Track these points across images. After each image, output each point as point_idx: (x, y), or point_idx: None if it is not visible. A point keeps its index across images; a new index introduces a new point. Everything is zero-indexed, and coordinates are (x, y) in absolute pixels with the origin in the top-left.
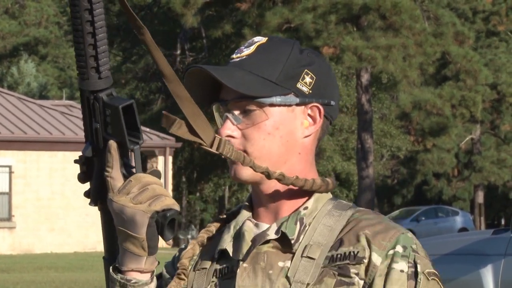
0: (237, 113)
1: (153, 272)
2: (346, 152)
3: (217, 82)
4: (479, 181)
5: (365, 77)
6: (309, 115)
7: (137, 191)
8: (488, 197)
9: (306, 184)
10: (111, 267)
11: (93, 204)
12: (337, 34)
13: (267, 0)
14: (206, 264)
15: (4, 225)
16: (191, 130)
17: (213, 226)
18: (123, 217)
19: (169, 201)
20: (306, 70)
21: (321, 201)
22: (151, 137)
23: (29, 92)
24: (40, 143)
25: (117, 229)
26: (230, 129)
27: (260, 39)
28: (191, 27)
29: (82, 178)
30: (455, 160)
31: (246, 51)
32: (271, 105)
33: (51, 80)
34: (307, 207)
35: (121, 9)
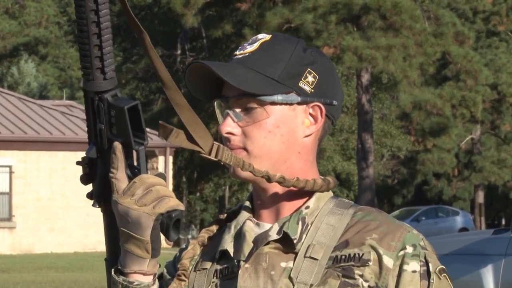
0: (238, 110)
1: (155, 274)
2: (346, 152)
3: (219, 78)
4: (479, 181)
5: (366, 77)
6: (310, 115)
7: (142, 192)
8: (488, 197)
9: (307, 185)
10: (113, 269)
11: (96, 205)
12: (337, 34)
13: (267, 0)
14: (206, 264)
15: (4, 225)
16: (189, 137)
17: (214, 226)
18: (128, 219)
19: (173, 202)
20: (308, 69)
21: (323, 199)
22: (152, 137)
23: (29, 92)
24: (40, 143)
25: (120, 230)
26: (230, 126)
27: (264, 37)
28: (192, 27)
29: (85, 179)
30: (455, 160)
31: (249, 48)
32: (273, 103)
33: (51, 80)
34: (308, 206)
35: (121, 9)
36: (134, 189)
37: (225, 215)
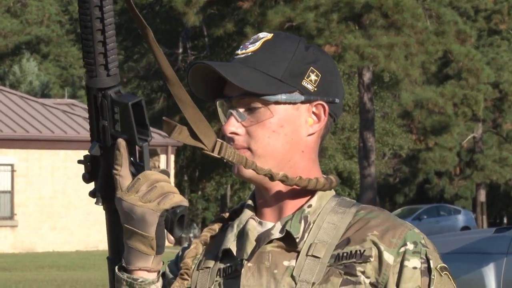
0: (241, 110)
1: (159, 271)
2: (348, 150)
3: (221, 78)
4: (481, 180)
5: (367, 76)
6: (313, 113)
7: (146, 189)
8: (490, 196)
9: (309, 184)
10: (117, 267)
11: (99, 203)
12: (339, 32)
13: None
14: (209, 263)
15: (6, 223)
16: (193, 134)
17: (216, 224)
18: (132, 216)
19: (177, 198)
20: (311, 67)
21: (325, 198)
22: (153, 136)
23: (31, 90)
24: (42, 142)
25: (124, 227)
26: (234, 126)
27: (265, 35)
28: (193, 26)
29: (87, 178)
30: (457, 158)
31: (251, 47)
32: (276, 102)
33: (53, 78)
34: (311, 205)
35: (123, 7)
36: (138, 186)
37: (228, 214)
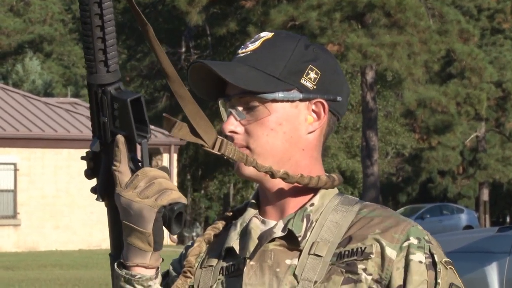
0: (240, 109)
1: (158, 268)
2: (351, 149)
3: (222, 77)
4: (484, 179)
5: (370, 75)
6: (313, 111)
7: (144, 185)
8: (493, 195)
9: (311, 181)
10: (116, 263)
11: (100, 199)
12: (341, 31)
13: None
14: (212, 261)
15: (9, 222)
16: (193, 131)
17: (220, 223)
18: (130, 211)
19: (175, 195)
20: (310, 65)
21: (327, 197)
22: (156, 135)
23: (34, 89)
24: (45, 141)
25: (123, 223)
26: (233, 124)
27: (266, 35)
28: (196, 25)
29: (89, 174)
30: (460, 157)
31: (251, 47)
32: (274, 100)
33: (56, 77)
34: (313, 204)
35: (126, 6)
36: (136, 182)
37: (231, 212)
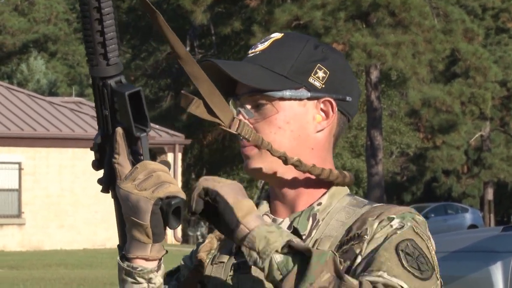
0: (249, 107)
1: (160, 259)
2: (355, 149)
3: (232, 78)
4: (489, 178)
5: (375, 74)
6: (322, 110)
7: (143, 178)
8: (497, 194)
9: (323, 173)
10: (119, 256)
11: (104, 191)
12: (346, 31)
13: None
14: (224, 258)
15: (13, 221)
16: (209, 110)
17: None
18: (128, 203)
19: (173, 189)
20: (319, 64)
21: (336, 197)
22: (161, 134)
23: (39, 89)
24: (49, 140)
25: (124, 216)
26: None
27: (276, 35)
28: (201, 24)
29: (96, 165)
30: (464, 157)
31: (260, 47)
32: (282, 99)
33: (61, 77)
34: (321, 203)
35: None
36: (135, 174)
37: None
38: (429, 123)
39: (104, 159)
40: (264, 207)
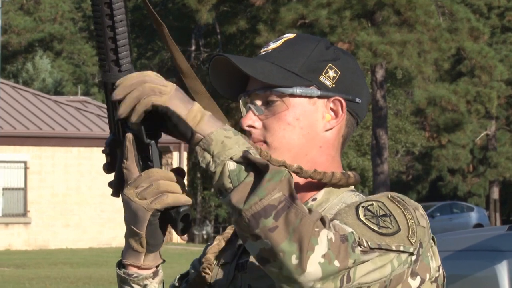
0: (259, 103)
1: (157, 267)
2: (361, 148)
3: (244, 76)
4: (494, 177)
5: (380, 73)
6: (331, 109)
7: (145, 185)
8: (503, 193)
9: (324, 177)
10: (117, 262)
11: (115, 195)
12: (351, 29)
13: None
14: (229, 259)
15: (19, 220)
16: None
17: None
18: (129, 210)
19: (171, 199)
20: (330, 64)
21: (335, 193)
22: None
23: (44, 88)
24: (55, 139)
25: (124, 221)
26: (251, 119)
27: (288, 35)
28: (206, 23)
29: (106, 168)
30: (470, 156)
31: (272, 45)
32: (292, 95)
33: (66, 76)
34: (315, 198)
35: (136, 5)
36: (138, 181)
37: None
38: (434, 122)
39: (115, 162)
40: None
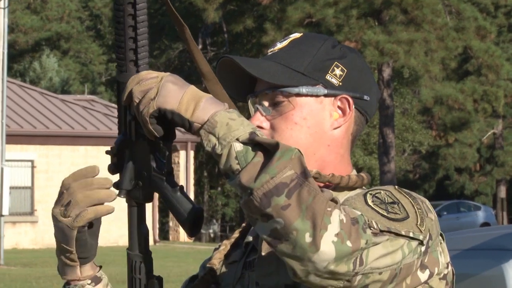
0: (266, 104)
1: (95, 274)
2: (368, 146)
3: (251, 78)
4: (501, 176)
5: (387, 72)
6: (338, 107)
7: (65, 202)
8: (510, 192)
9: (342, 181)
10: (64, 283)
11: (121, 195)
12: (358, 28)
13: None
14: (237, 257)
15: (26, 219)
16: None
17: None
18: (56, 228)
19: (92, 214)
20: (336, 62)
21: (345, 193)
22: None
23: (51, 87)
24: (62, 138)
25: (55, 238)
26: (259, 120)
27: (295, 35)
28: (213, 22)
29: (112, 169)
30: (477, 154)
31: (279, 45)
32: (298, 95)
33: (73, 75)
34: None
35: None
36: (62, 198)
37: None
38: (441, 121)
39: (121, 163)
40: None
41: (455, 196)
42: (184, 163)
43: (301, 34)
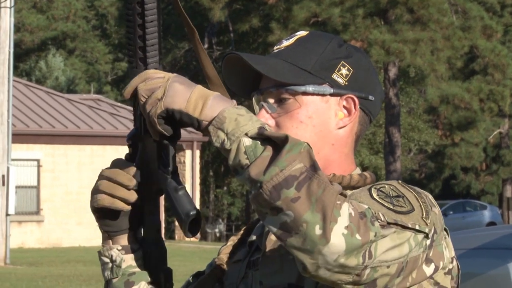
0: (272, 101)
1: (127, 245)
2: (373, 146)
3: (257, 75)
4: (507, 175)
5: (393, 71)
6: (344, 107)
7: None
8: None
9: (343, 181)
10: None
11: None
12: (364, 28)
13: None
14: (241, 256)
15: (32, 218)
16: None
17: (256, 220)
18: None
19: (107, 202)
20: (342, 62)
21: (348, 192)
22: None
23: (57, 86)
24: (68, 137)
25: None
26: (264, 117)
27: (301, 33)
28: (219, 21)
29: (127, 159)
30: (483, 154)
31: (285, 43)
32: (304, 93)
33: (79, 74)
34: None
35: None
36: (96, 182)
37: None
38: (447, 120)
39: (135, 156)
40: None
41: (461, 195)
42: (190, 162)
43: (307, 32)
